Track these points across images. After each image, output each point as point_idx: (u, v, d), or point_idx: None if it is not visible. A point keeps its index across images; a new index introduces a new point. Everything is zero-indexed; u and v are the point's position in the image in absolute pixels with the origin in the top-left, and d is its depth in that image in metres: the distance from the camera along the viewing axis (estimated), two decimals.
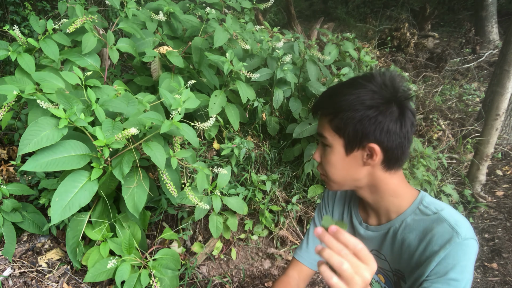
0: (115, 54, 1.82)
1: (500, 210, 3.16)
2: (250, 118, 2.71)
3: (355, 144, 0.92)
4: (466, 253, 0.84)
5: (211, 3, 2.58)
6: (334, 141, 0.94)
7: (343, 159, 0.95)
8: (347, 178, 0.98)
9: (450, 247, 0.84)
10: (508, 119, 4.02)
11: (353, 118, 0.89)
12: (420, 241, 0.91)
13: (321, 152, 1.00)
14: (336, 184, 1.01)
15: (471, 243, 0.85)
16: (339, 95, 0.93)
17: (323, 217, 0.91)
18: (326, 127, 0.95)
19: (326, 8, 8.53)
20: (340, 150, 0.94)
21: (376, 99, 0.88)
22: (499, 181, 3.60)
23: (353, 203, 1.15)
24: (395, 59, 5.27)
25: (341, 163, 0.96)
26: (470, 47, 6.06)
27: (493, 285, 2.47)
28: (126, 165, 1.42)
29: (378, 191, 0.98)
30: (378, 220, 1.05)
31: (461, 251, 0.84)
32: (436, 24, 7.59)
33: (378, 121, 0.88)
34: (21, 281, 1.73)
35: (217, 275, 2.18)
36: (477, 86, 5.21)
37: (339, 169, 0.97)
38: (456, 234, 0.85)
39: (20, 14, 3.41)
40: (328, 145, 0.96)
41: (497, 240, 2.83)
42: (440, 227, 0.88)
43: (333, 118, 0.92)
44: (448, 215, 0.89)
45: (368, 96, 0.88)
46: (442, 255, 0.85)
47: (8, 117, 2.07)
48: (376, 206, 1.02)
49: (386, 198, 0.98)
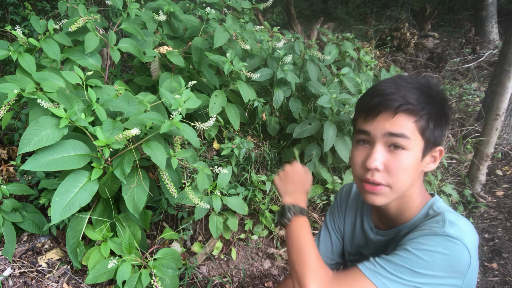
0: (116, 54, 1.82)
1: (500, 210, 3.16)
2: (250, 118, 2.71)
3: (430, 147, 0.86)
4: (436, 242, 0.77)
5: (211, 3, 2.58)
6: (414, 143, 0.83)
7: (418, 165, 0.86)
8: (409, 186, 0.88)
9: (431, 232, 0.80)
10: (508, 119, 4.02)
11: (445, 116, 0.86)
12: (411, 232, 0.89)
13: (388, 156, 0.84)
14: (397, 195, 0.87)
15: (456, 243, 0.77)
16: (425, 92, 0.84)
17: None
18: (410, 127, 0.82)
19: (326, 8, 8.52)
20: (418, 154, 0.85)
21: (449, 102, 0.88)
22: (499, 181, 3.60)
23: (366, 208, 1.11)
24: (395, 59, 5.27)
25: (415, 169, 0.85)
26: (470, 47, 6.06)
27: (493, 285, 2.47)
28: (127, 165, 1.42)
29: (406, 198, 0.92)
30: (389, 225, 1.01)
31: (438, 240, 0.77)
32: (436, 24, 7.59)
33: (448, 124, 0.88)
34: (21, 281, 1.73)
35: (217, 275, 2.18)
36: (477, 86, 5.21)
37: (412, 176, 0.86)
38: (441, 228, 0.80)
39: (20, 14, 3.41)
40: (403, 147, 0.83)
41: (497, 240, 2.83)
42: (433, 221, 0.85)
43: (420, 118, 0.82)
44: (450, 217, 0.84)
45: (447, 97, 0.87)
46: (422, 229, 0.82)
47: (8, 117, 2.07)
48: (397, 214, 0.95)
49: (408, 206, 0.93)
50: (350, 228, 1.17)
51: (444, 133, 0.89)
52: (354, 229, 1.15)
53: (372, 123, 0.86)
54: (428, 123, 0.84)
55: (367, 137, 0.88)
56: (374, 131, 0.85)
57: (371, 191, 0.87)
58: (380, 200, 0.87)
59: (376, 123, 0.85)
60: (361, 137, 0.89)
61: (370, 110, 0.86)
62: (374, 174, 0.85)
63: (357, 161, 0.90)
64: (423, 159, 0.86)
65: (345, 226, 1.18)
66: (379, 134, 0.84)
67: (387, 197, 0.87)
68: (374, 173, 0.85)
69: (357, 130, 0.91)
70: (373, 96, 0.86)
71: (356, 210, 1.15)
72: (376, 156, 0.84)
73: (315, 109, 2.68)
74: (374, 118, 0.85)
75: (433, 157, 0.90)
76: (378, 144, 0.85)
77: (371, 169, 0.85)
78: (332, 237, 1.19)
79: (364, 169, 0.87)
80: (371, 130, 0.86)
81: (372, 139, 0.86)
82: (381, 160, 0.84)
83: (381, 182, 0.85)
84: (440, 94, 0.87)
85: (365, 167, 0.86)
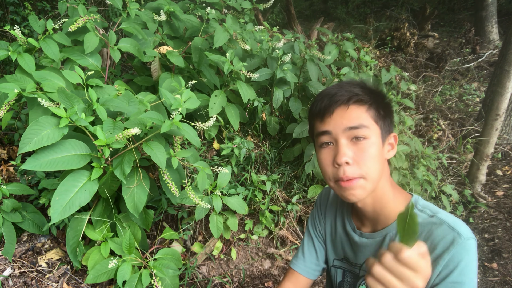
0: (116, 54, 1.82)
1: (500, 210, 3.16)
2: (250, 118, 2.71)
3: (386, 134, 0.92)
4: (469, 253, 0.82)
5: (211, 3, 2.58)
6: (372, 131, 0.88)
7: (381, 152, 0.90)
8: (380, 174, 0.90)
9: (454, 249, 0.82)
10: (508, 119, 4.02)
11: (389, 105, 0.92)
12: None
13: (353, 149, 0.88)
14: (373, 184, 0.89)
15: (472, 242, 0.83)
16: (366, 86, 0.93)
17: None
18: (364, 117, 0.88)
19: (326, 8, 8.53)
20: (379, 140, 0.89)
21: (386, 95, 0.96)
22: (499, 181, 3.60)
23: (346, 209, 1.10)
24: (395, 59, 5.27)
25: (380, 156, 0.89)
26: (470, 47, 6.06)
27: (493, 285, 2.47)
28: (127, 165, 1.42)
29: (379, 192, 0.94)
30: (373, 227, 1.00)
31: (464, 252, 0.82)
32: (436, 24, 7.59)
33: (392, 113, 0.95)
34: (21, 281, 1.73)
35: (217, 275, 2.18)
36: (477, 86, 5.21)
37: (379, 163, 0.89)
38: (458, 235, 0.83)
39: (20, 14, 3.41)
40: (364, 137, 0.87)
41: (497, 240, 2.83)
42: (440, 229, 0.85)
43: (370, 106, 0.89)
44: (445, 217, 0.87)
45: (383, 90, 0.93)
46: (446, 258, 0.82)
47: (8, 117, 2.07)
48: (375, 212, 0.97)
49: (385, 203, 0.95)
50: (330, 231, 1.15)
51: (392, 121, 0.96)
52: (336, 232, 1.13)
53: (330, 122, 0.90)
54: (379, 111, 0.90)
55: (329, 137, 0.91)
56: (334, 128, 0.89)
57: (347, 186, 0.88)
58: (359, 193, 0.89)
59: (333, 121, 0.90)
60: (323, 139, 0.92)
61: (324, 111, 0.91)
62: (345, 171, 0.87)
63: (326, 162, 0.92)
64: (384, 146, 0.92)
65: (325, 230, 1.17)
66: (339, 130, 0.89)
67: (363, 188, 0.88)
68: (345, 170, 0.87)
69: (317, 134, 0.94)
70: (322, 99, 0.93)
71: (335, 213, 1.14)
72: (343, 151, 0.87)
73: None
74: (331, 116, 0.90)
75: (390, 144, 0.95)
76: (342, 140, 0.88)
77: (341, 165, 0.87)
78: (315, 243, 1.19)
79: (335, 168, 0.89)
80: (330, 129, 0.90)
81: (334, 138, 0.90)
82: (349, 154, 0.87)
83: (354, 176, 0.87)
84: (377, 87, 0.96)
85: (335, 165, 0.89)
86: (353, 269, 1.08)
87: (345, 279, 1.12)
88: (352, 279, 1.09)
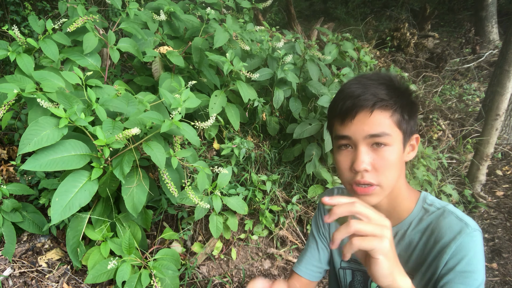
0: (116, 54, 1.82)
1: (500, 210, 3.16)
2: (250, 118, 2.71)
3: (408, 137, 0.88)
4: (477, 244, 0.82)
5: (210, 3, 2.58)
6: (394, 139, 0.84)
7: (401, 157, 0.87)
8: (397, 179, 0.88)
9: (461, 238, 0.83)
10: (508, 119, 4.02)
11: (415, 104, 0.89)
12: (428, 238, 0.89)
13: (372, 155, 0.84)
14: (388, 190, 0.87)
15: (479, 234, 0.84)
16: (393, 86, 0.86)
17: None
18: (388, 123, 0.83)
19: (326, 8, 8.53)
20: (400, 146, 0.86)
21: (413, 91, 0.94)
22: (499, 181, 3.60)
23: None
24: (395, 59, 5.27)
25: (400, 162, 0.86)
26: (470, 47, 6.06)
27: (493, 285, 2.47)
28: (126, 165, 1.42)
29: (396, 192, 0.93)
30: None
31: (472, 242, 0.82)
32: (436, 24, 7.59)
33: (417, 112, 0.92)
34: (21, 281, 1.73)
35: (217, 275, 2.18)
36: (477, 86, 5.21)
37: (398, 169, 0.86)
38: (466, 225, 0.84)
39: (20, 14, 3.41)
40: (386, 144, 0.84)
41: (497, 240, 2.83)
42: (447, 219, 0.87)
43: (394, 112, 0.84)
44: (453, 209, 0.89)
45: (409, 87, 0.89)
46: (454, 247, 0.83)
47: (8, 117, 2.07)
48: (388, 211, 0.95)
49: (400, 202, 0.94)
50: None
51: (416, 121, 0.92)
52: None
53: (350, 127, 0.86)
54: (403, 115, 0.86)
55: (348, 141, 0.87)
56: (355, 135, 0.85)
57: (364, 193, 0.86)
58: (373, 200, 0.87)
59: (354, 127, 0.85)
60: (342, 142, 0.89)
61: (346, 114, 0.86)
62: (364, 176, 0.84)
63: (344, 166, 0.89)
64: (404, 150, 0.89)
65: (330, 232, 1.16)
66: (359, 137, 0.84)
67: (378, 196, 0.87)
68: (363, 174, 0.85)
69: (336, 136, 0.91)
70: (344, 99, 0.86)
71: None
72: (362, 158, 0.84)
73: (315, 109, 2.68)
74: (352, 121, 0.85)
75: (411, 146, 0.93)
76: (362, 146, 0.85)
77: (360, 172, 0.85)
78: (319, 245, 1.18)
79: (353, 172, 0.87)
80: (351, 134, 0.86)
81: (354, 143, 0.86)
82: (368, 161, 0.84)
83: (372, 182, 0.84)
84: (403, 85, 0.90)
85: (353, 170, 0.86)
86: (363, 268, 1.09)
87: (355, 278, 1.12)
88: (362, 277, 1.10)
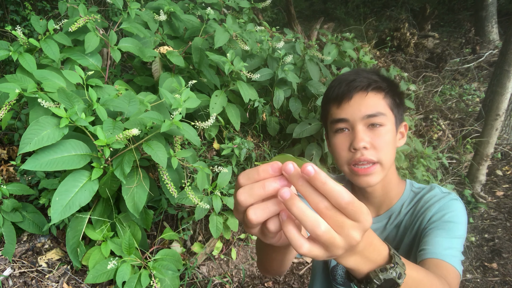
0: (117, 54, 1.82)
1: (500, 210, 3.16)
2: (250, 118, 2.71)
3: (399, 122, 0.94)
4: (459, 206, 0.90)
5: (210, 3, 2.58)
6: (388, 119, 0.90)
7: (395, 139, 0.93)
8: (393, 161, 0.93)
9: (444, 200, 0.91)
10: (508, 119, 4.02)
11: (402, 94, 0.94)
12: (415, 210, 0.95)
13: (370, 134, 0.88)
14: (387, 170, 0.91)
15: (461, 204, 0.92)
16: (382, 74, 0.94)
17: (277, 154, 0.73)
18: (382, 104, 0.89)
19: (326, 8, 8.52)
20: (393, 128, 0.92)
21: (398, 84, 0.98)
22: (499, 181, 3.60)
23: None
24: (395, 59, 5.27)
25: (394, 143, 0.92)
26: (470, 47, 6.06)
27: (493, 285, 2.47)
28: (127, 165, 1.42)
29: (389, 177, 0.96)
30: (377, 212, 1.03)
31: (455, 205, 0.90)
32: (436, 24, 7.59)
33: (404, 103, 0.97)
34: (21, 281, 1.73)
35: (217, 275, 2.18)
36: (477, 86, 5.21)
37: (393, 150, 0.92)
38: (448, 194, 0.93)
39: (20, 14, 3.41)
40: (381, 124, 0.89)
41: (497, 240, 2.83)
42: (432, 191, 0.95)
43: (386, 94, 0.91)
44: (438, 187, 0.96)
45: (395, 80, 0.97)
46: (437, 206, 0.90)
47: (8, 117, 2.07)
48: (382, 196, 0.99)
49: (392, 187, 0.99)
50: None
51: (404, 110, 0.99)
52: None
53: (347, 110, 0.89)
54: (394, 99, 0.92)
55: (346, 124, 0.90)
56: (352, 116, 0.89)
57: (364, 173, 0.88)
58: (374, 179, 0.89)
59: (351, 108, 0.89)
60: (339, 125, 0.91)
61: (342, 96, 0.90)
62: (363, 154, 0.87)
63: (342, 147, 0.91)
64: (396, 133, 0.94)
65: None
66: (357, 118, 0.88)
67: (379, 174, 0.89)
68: (363, 153, 0.87)
69: (332, 121, 0.93)
70: (340, 84, 0.91)
71: None
72: (361, 136, 0.87)
73: (315, 109, 2.68)
74: (348, 103, 0.89)
75: (401, 133, 0.98)
76: (359, 126, 0.88)
77: (359, 150, 0.87)
78: None
79: (351, 152, 0.89)
80: (348, 116, 0.89)
81: (351, 125, 0.90)
82: (367, 139, 0.87)
83: (372, 159, 0.87)
84: (389, 76, 0.99)
85: (352, 150, 0.89)
86: None
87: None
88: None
